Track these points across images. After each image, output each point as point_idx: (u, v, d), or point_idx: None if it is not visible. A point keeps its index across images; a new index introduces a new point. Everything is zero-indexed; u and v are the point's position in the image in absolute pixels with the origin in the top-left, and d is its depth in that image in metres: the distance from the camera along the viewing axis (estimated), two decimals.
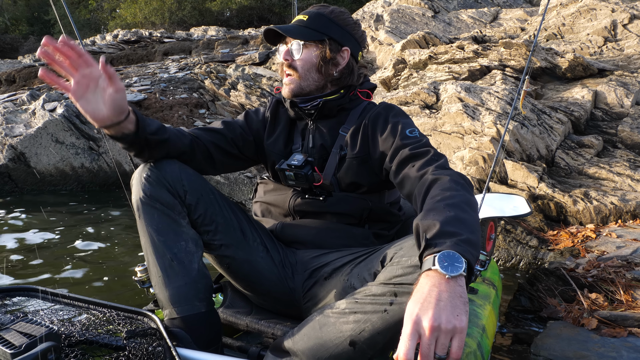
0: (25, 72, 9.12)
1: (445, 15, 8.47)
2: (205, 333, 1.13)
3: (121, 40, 12.05)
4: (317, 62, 1.27)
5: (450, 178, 0.98)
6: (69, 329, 0.97)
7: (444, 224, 0.83)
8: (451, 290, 0.73)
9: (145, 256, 1.16)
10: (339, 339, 0.96)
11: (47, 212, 3.87)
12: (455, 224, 0.83)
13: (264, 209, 1.41)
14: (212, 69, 7.47)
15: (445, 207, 0.88)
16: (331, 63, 1.28)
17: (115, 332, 1.02)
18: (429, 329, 0.71)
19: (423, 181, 1.02)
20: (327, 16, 1.30)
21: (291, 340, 1.03)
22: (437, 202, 0.90)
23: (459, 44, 5.08)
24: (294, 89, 1.29)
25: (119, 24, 21.72)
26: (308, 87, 1.29)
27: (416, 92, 4.23)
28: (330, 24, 1.29)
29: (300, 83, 1.28)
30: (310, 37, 1.27)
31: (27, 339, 0.87)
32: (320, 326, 0.99)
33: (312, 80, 1.29)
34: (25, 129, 4.92)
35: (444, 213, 0.86)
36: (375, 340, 0.93)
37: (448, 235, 0.81)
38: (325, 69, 1.28)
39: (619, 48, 5.17)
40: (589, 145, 3.63)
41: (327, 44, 1.27)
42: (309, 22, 1.28)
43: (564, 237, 2.78)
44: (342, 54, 1.30)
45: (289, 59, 1.28)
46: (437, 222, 0.83)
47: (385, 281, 0.93)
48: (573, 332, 1.69)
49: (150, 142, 1.15)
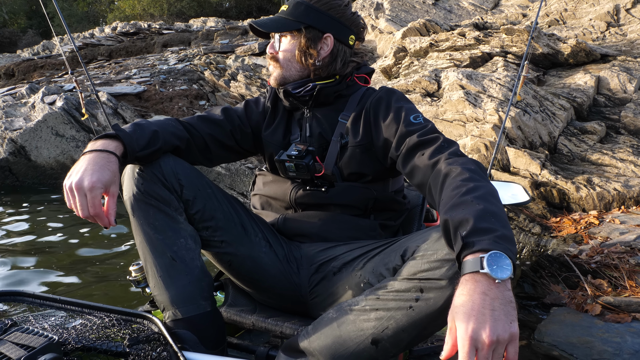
0: (24, 65, 9.09)
1: (445, 3, 8.38)
2: (212, 333, 1.09)
3: (120, 32, 11.97)
4: (295, 51, 1.24)
5: (467, 167, 0.93)
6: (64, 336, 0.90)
7: (478, 219, 0.78)
8: (502, 296, 0.71)
9: (142, 256, 1.10)
10: (359, 337, 0.92)
11: (43, 208, 3.87)
12: (488, 218, 0.79)
13: (264, 201, 1.36)
14: (211, 60, 7.42)
15: (473, 200, 0.83)
16: (310, 51, 1.23)
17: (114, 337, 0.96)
18: (488, 344, 0.68)
19: (437, 170, 0.97)
20: (306, 3, 1.25)
21: (306, 339, 0.98)
22: (462, 194, 0.85)
23: (460, 30, 5.03)
24: (277, 79, 1.28)
25: (118, 16, 21.59)
26: (291, 77, 1.27)
27: (417, 80, 4.19)
28: (308, 11, 1.24)
29: (283, 73, 1.27)
30: (285, 28, 1.24)
31: (25, 351, 0.80)
32: (339, 324, 0.95)
33: (294, 70, 1.26)
34: (25, 123, 4.91)
35: (473, 207, 0.81)
36: (400, 338, 0.90)
37: (483, 232, 0.77)
38: (304, 58, 1.24)
39: (621, 33, 5.11)
40: (592, 132, 3.60)
41: (303, 32, 1.23)
42: (287, 11, 1.25)
43: (567, 224, 2.77)
44: (325, 40, 1.24)
45: (272, 52, 1.27)
46: (469, 217, 0.79)
47: (410, 276, 0.89)
48: (577, 318, 1.69)
49: (140, 158, 1.10)
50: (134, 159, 1.09)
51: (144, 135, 1.11)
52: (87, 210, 0.99)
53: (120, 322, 1.00)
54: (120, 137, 1.07)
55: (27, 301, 1.06)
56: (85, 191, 0.98)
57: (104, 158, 1.03)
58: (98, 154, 1.03)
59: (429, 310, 0.86)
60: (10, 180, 4.68)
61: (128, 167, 1.12)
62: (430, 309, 0.86)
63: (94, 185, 0.98)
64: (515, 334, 0.69)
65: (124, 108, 5.30)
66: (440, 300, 0.85)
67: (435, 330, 0.93)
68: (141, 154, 1.09)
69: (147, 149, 1.10)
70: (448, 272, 0.85)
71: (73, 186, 0.99)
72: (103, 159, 1.02)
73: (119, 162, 1.06)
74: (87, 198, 0.98)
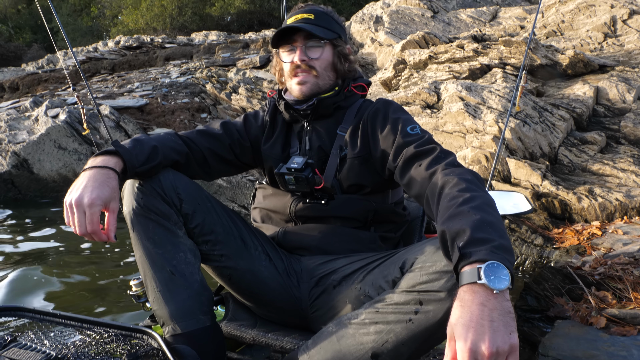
0: (28, 79, 9.16)
1: (444, 15, 8.45)
2: (212, 348, 1.08)
3: (123, 46, 12.09)
4: (332, 60, 1.27)
5: (463, 177, 0.93)
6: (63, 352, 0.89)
7: (474, 229, 0.78)
8: (500, 307, 0.70)
9: (141, 270, 1.10)
10: (359, 352, 0.91)
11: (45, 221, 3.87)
12: (485, 228, 0.78)
13: (264, 214, 1.36)
14: (213, 73, 7.47)
15: (470, 210, 0.82)
16: (344, 60, 1.29)
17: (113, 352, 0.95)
18: (488, 356, 0.67)
19: (434, 181, 0.97)
20: (330, 14, 1.30)
21: (306, 354, 0.98)
22: (459, 205, 0.85)
23: (459, 43, 5.07)
24: (311, 88, 1.25)
25: (121, 30, 21.83)
26: (325, 86, 1.27)
27: (417, 92, 4.21)
28: (334, 22, 1.30)
29: (318, 82, 1.26)
30: (327, 36, 1.25)
31: None
32: (338, 338, 0.94)
33: (328, 78, 1.28)
34: (28, 136, 4.94)
35: (469, 217, 0.81)
36: (400, 352, 0.89)
37: (480, 242, 0.76)
38: (340, 66, 1.28)
39: (619, 44, 5.14)
40: (592, 142, 3.60)
41: (340, 41, 1.29)
42: (317, 20, 1.25)
43: (570, 235, 2.75)
44: (347, 50, 1.31)
45: (306, 59, 1.24)
46: (466, 227, 0.79)
47: (409, 289, 0.89)
48: (581, 331, 1.67)
49: (140, 173, 1.10)
50: (133, 175, 1.10)
51: (143, 151, 1.11)
52: (84, 227, 0.99)
53: (119, 338, 1.00)
54: (120, 153, 1.08)
55: (27, 316, 1.06)
56: (84, 208, 0.99)
57: (104, 174, 1.03)
58: (98, 171, 1.04)
59: (428, 323, 0.86)
60: (13, 193, 4.69)
61: (128, 182, 1.12)
62: (430, 322, 0.86)
63: (93, 202, 0.99)
64: (515, 345, 0.69)
65: (126, 121, 5.33)
66: (440, 312, 0.85)
67: (436, 344, 0.92)
68: (141, 169, 1.09)
69: (146, 164, 1.10)
70: (447, 284, 0.84)
71: (73, 203, 1.00)
72: (103, 175, 1.03)
73: (119, 178, 1.06)
74: (85, 215, 0.99)
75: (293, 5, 1.37)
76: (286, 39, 1.26)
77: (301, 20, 1.25)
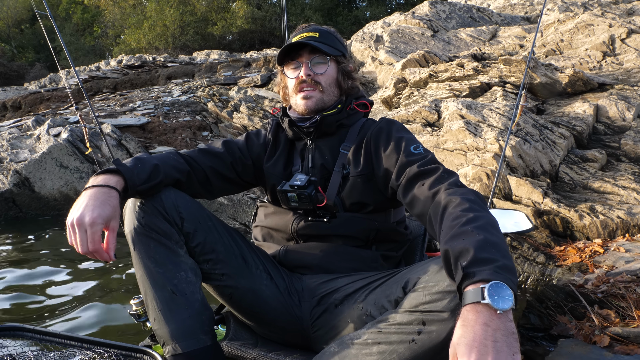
0: (30, 98, 9.24)
1: (444, 35, 8.56)
2: None
3: (125, 65, 12.23)
4: (337, 76, 1.30)
5: (466, 197, 0.93)
6: None
7: (478, 249, 0.78)
8: (504, 327, 0.70)
9: (142, 289, 1.10)
10: None
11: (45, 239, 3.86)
12: (488, 248, 0.79)
13: (265, 233, 1.36)
14: (214, 92, 7.54)
15: (473, 230, 0.83)
16: (347, 78, 1.33)
17: None
18: None
19: (437, 200, 0.97)
20: (333, 34, 1.34)
21: None
22: (462, 224, 0.85)
23: (459, 61, 5.12)
24: (317, 103, 1.28)
25: (123, 49, 22.10)
26: (329, 102, 1.30)
27: (417, 111, 4.24)
28: (337, 41, 1.33)
29: (324, 97, 1.29)
30: (333, 52, 1.29)
31: None
32: (341, 358, 0.94)
33: (332, 95, 1.31)
34: (30, 154, 4.96)
35: (473, 237, 0.81)
36: None
37: (484, 262, 0.76)
38: (344, 82, 1.32)
39: (618, 62, 5.20)
40: (593, 160, 3.62)
41: (343, 59, 1.32)
42: (322, 38, 1.29)
43: (572, 253, 2.74)
44: (350, 68, 1.35)
45: (311, 74, 1.27)
46: (469, 247, 0.79)
47: (412, 309, 0.88)
48: (585, 350, 1.65)
49: (141, 192, 1.11)
50: (135, 193, 1.10)
51: (144, 170, 1.12)
52: (86, 246, 0.99)
53: (119, 357, 1.00)
54: (121, 171, 1.08)
55: (27, 336, 1.05)
56: (86, 227, 0.99)
57: (105, 193, 1.04)
58: (99, 189, 1.04)
59: (432, 344, 0.85)
60: (14, 211, 4.69)
61: (129, 201, 1.13)
62: (433, 342, 0.85)
63: (95, 221, 0.99)
64: None
65: (127, 139, 5.36)
66: (443, 333, 0.84)
67: None
68: (142, 188, 1.10)
69: (147, 183, 1.11)
70: (450, 304, 0.84)
71: (74, 222, 1.00)
72: (104, 194, 1.04)
73: (120, 197, 1.07)
74: (87, 234, 0.99)
75: (294, 25, 1.40)
76: (292, 56, 1.30)
77: (306, 39, 1.28)
